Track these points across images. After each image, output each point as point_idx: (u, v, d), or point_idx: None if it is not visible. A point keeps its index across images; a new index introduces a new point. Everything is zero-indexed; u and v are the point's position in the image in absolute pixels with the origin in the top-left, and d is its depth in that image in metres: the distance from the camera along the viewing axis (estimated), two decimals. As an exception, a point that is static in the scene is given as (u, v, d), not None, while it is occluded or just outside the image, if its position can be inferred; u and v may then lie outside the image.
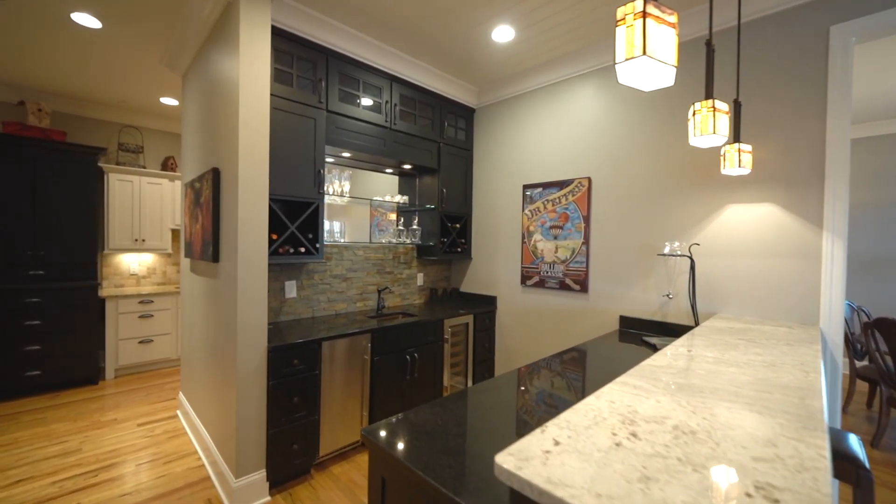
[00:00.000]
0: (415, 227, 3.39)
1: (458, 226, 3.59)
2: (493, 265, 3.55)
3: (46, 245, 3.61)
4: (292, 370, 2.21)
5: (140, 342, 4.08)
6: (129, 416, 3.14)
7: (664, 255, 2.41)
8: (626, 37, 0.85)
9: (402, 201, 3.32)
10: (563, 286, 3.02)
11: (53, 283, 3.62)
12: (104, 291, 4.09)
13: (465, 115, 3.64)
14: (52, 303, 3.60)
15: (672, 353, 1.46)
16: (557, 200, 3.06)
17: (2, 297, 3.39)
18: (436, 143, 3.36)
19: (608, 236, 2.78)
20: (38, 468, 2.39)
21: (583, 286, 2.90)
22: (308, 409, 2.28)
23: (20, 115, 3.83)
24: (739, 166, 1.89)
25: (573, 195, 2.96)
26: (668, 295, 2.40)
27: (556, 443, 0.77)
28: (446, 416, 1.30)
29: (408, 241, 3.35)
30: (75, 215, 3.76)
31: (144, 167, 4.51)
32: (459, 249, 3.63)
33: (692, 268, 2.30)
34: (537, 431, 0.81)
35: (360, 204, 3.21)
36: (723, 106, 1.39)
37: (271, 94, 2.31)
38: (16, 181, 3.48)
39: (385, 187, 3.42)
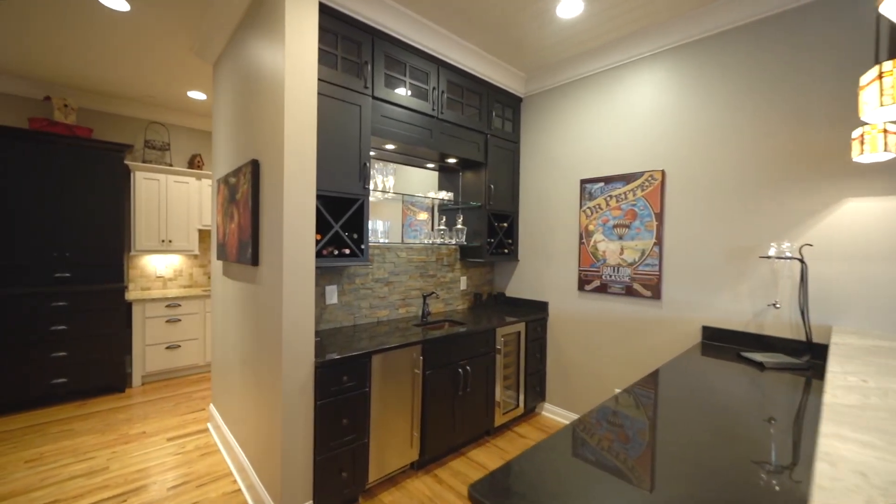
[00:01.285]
0: (459, 226, 3.12)
1: (505, 225, 3.30)
2: (544, 268, 3.25)
3: (73, 246, 3.45)
4: (341, 388, 1.95)
5: (167, 348, 3.90)
6: (158, 428, 2.94)
7: (769, 257, 2.07)
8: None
9: (446, 198, 3.05)
10: (630, 292, 2.70)
11: (80, 286, 3.45)
12: (130, 295, 3.92)
13: (511, 105, 3.35)
14: (80, 307, 3.44)
15: (843, 383, 1.14)
16: (623, 196, 2.74)
17: (29, 300, 3.24)
18: (483, 135, 3.07)
19: (687, 236, 2.45)
20: (64, 490, 2.19)
21: (655, 292, 2.57)
22: (358, 431, 2.02)
23: (46, 111, 3.69)
24: (885, 150, 1.55)
25: (642, 190, 2.64)
26: (774, 304, 2.05)
27: (867, 569, 0.48)
28: (563, 465, 1.01)
29: (452, 241, 3.07)
30: (102, 215, 3.60)
31: (171, 165, 4.35)
32: (506, 251, 3.33)
33: (803, 273, 1.96)
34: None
35: (392, 202, 2.94)
36: (920, 66, 1.07)
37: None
38: (42, 179, 3.32)
39: (422, 183, 3.15)
